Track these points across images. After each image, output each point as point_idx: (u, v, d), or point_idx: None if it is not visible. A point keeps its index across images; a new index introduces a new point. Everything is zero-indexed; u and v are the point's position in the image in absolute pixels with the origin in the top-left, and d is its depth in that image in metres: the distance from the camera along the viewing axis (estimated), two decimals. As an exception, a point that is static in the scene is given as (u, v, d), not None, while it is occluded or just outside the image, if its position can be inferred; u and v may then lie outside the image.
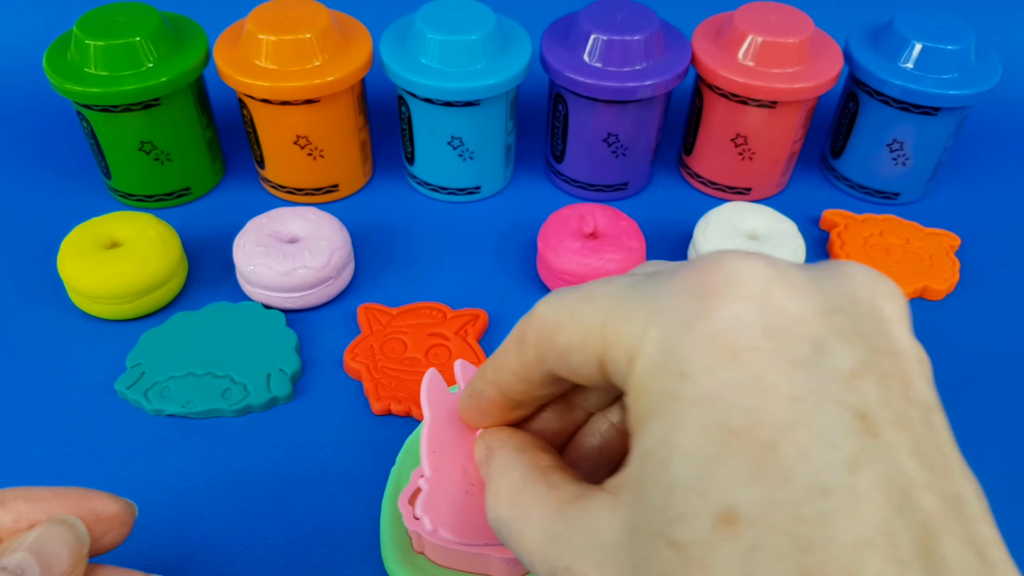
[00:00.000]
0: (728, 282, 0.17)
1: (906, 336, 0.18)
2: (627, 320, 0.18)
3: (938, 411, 0.17)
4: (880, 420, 0.16)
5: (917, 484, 0.16)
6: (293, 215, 0.43)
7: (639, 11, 0.47)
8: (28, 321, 0.42)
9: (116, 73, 0.43)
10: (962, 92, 0.46)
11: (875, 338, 0.17)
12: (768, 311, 0.17)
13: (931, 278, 0.45)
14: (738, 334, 0.16)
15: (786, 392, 0.16)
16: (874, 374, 0.17)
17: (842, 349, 0.17)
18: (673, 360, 0.17)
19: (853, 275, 0.19)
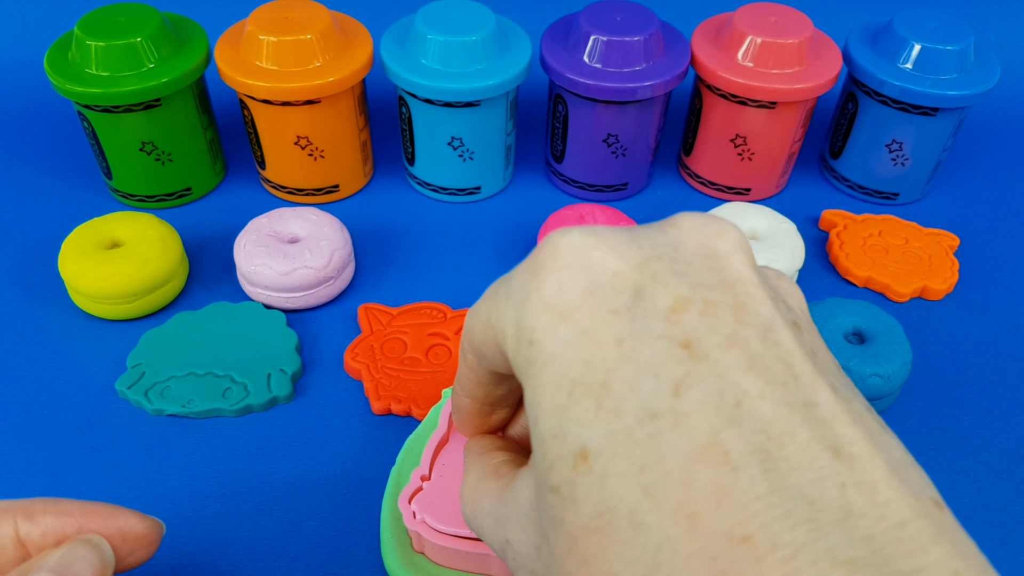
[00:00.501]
0: (551, 255, 0.19)
1: (742, 266, 0.19)
2: (499, 309, 0.21)
3: (783, 328, 0.18)
4: (706, 345, 0.18)
5: (752, 395, 0.17)
6: (294, 215, 0.44)
7: (639, 12, 0.47)
8: (29, 321, 0.42)
9: (117, 74, 0.43)
10: (961, 93, 0.46)
11: (701, 274, 0.19)
12: (586, 272, 0.19)
13: (930, 278, 0.45)
14: (564, 298, 0.19)
15: (611, 337, 0.18)
16: (697, 306, 0.18)
17: (659, 291, 0.18)
18: (524, 332, 0.19)
19: (680, 224, 0.20)
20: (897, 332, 0.39)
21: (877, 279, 0.45)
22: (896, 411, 0.39)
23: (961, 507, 0.36)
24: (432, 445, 0.32)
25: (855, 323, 0.40)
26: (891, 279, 0.45)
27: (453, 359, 0.40)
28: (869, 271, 0.45)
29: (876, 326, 0.39)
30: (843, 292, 0.46)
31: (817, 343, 0.20)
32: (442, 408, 0.34)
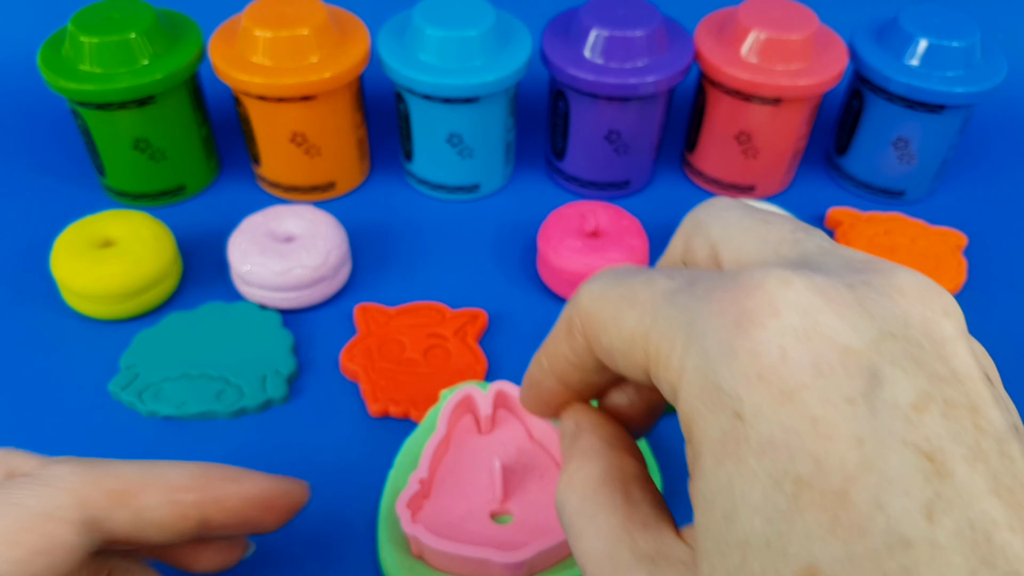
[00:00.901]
0: (768, 310, 0.16)
1: (967, 357, 0.16)
2: (667, 339, 0.17)
3: (1014, 439, 0.16)
4: (952, 457, 0.15)
5: (1002, 527, 0.14)
6: (289, 213, 0.43)
7: (641, 6, 0.46)
8: (20, 321, 0.42)
9: (111, 70, 0.43)
10: (968, 89, 0.45)
11: (934, 363, 0.16)
12: (815, 342, 0.16)
13: (937, 277, 0.44)
14: (787, 371, 0.15)
15: (848, 434, 0.15)
16: (938, 405, 0.15)
17: (900, 380, 0.15)
18: (723, 397, 0.16)
19: (904, 289, 0.17)
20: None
21: (883, 278, 0.44)
22: (903, 413, 0.39)
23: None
24: (431, 448, 0.32)
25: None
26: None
27: (452, 360, 0.39)
28: (875, 270, 0.45)
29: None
30: (849, 292, 0.45)
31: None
32: (440, 410, 0.34)
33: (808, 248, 0.18)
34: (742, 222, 0.20)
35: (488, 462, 0.33)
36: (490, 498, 0.32)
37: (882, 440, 0.15)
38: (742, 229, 0.20)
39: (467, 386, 0.34)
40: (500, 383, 0.34)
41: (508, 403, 0.34)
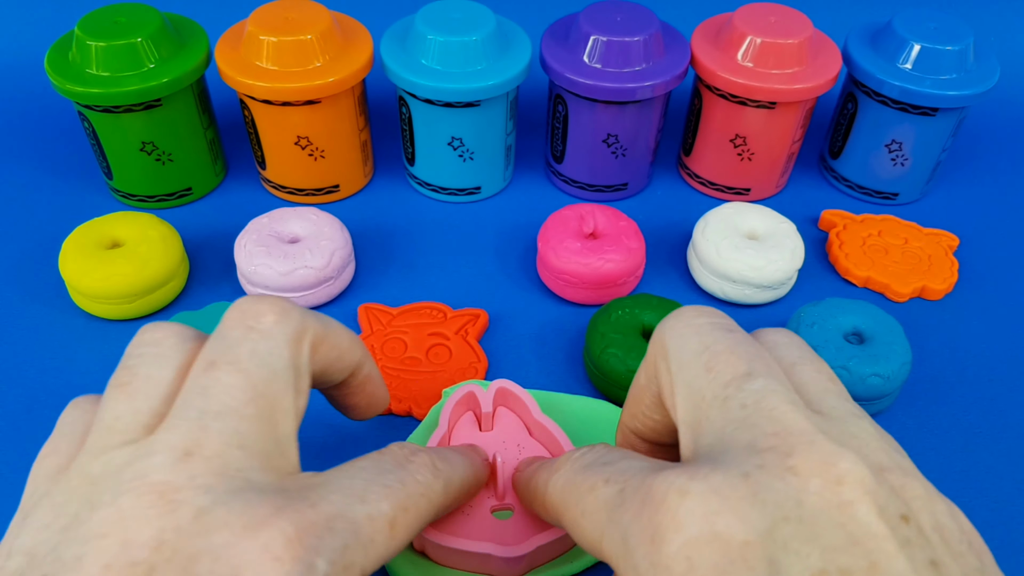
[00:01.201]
0: (672, 524, 0.18)
1: (868, 515, 0.18)
2: (613, 554, 0.20)
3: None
4: None
5: None
6: (294, 215, 0.44)
7: (638, 12, 0.47)
8: (29, 321, 0.42)
9: (117, 74, 0.43)
10: (961, 93, 0.46)
11: (830, 534, 0.17)
12: (715, 545, 0.17)
13: (930, 278, 0.45)
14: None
15: None
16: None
17: (794, 563, 0.17)
18: None
19: (797, 468, 0.18)
20: (896, 332, 0.39)
21: (876, 279, 0.45)
22: (895, 411, 0.40)
23: (961, 507, 0.36)
24: (433, 444, 0.33)
25: (854, 323, 0.40)
26: (890, 279, 0.45)
27: (453, 359, 0.40)
28: (868, 271, 0.45)
29: (875, 326, 0.39)
30: (842, 292, 0.46)
31: (963, 560, 0.18)
32: (442, 407, 0.34)
33: (728, 413, 0.20)
34: (693, 364, 0.22)
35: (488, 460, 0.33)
36: (490, 494, 0.32)
37: None
38: (688, 377, 0.22)
39: (468, 384, 0.35)
40: (500, 381, 0.34)
41: (508, 401, 0.35)
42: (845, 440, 0.20)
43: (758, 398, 0.20)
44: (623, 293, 0.43)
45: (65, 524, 0.19)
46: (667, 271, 0.46)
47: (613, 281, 0.42)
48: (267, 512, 0.19)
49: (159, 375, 0.22)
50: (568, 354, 0.42)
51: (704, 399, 0.21)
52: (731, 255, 0.42)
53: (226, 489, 0.19)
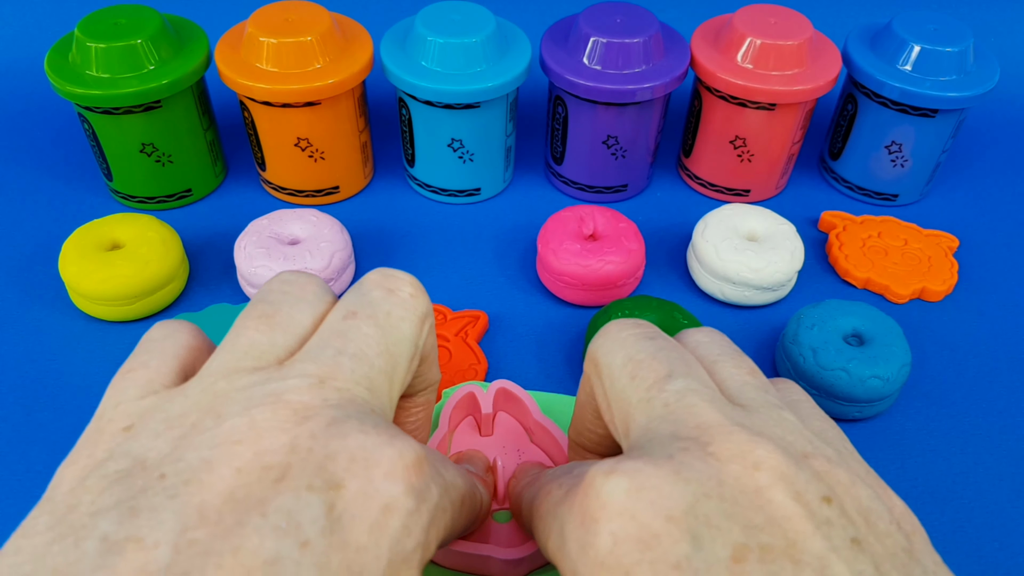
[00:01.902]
0: (598, 505, 0.19)
1: (785, 498, 0.18)
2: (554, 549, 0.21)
3: (838, 561, 0.17)
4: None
5: None
6: (294, 217, 0.44)
7: (638, 14, 0.47)
8: (29, 323, 0.42)
9: (117, 75, 0.43)
10: (960, 94, 0.46)
11: (749, 513, 0.18)
12: (639, 520, 0.18)
13: (929, 279, 0.45)
14: (620, 553, 0.18)
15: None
16: (754, 552, 0.17)
17: (716, 538, 0.18)
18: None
19: (718, 453, 0.19)
20: (896, 334, 0.39)
21: (876, 280, 0.45)
22: (895, 413, 0.40)
23: (960, 508, 0.36)
24: (432, 445, 0.33)
25: (854, 325, 0.40)
26: (890, 280, 0.45)
27: (453, 360, 0.40)
28: (868, 272, 0.45)
29: (875, 328, 0.39)
30: (842, 294, 0.46)
31: (890, 540, 0.19)
32: (442, 408, 0.34)
33: (652, 412, 0.22)
34: (620, 375, 0.24)
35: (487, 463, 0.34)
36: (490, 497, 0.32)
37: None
38: (617, 388, 0.23)
39: (468, 385, 0.35)
40: (500, 382, 0.34)
41: (508, 401, 0.35)
42: (764, 430, 0.21)
43: (679, 396, 0.21)
44: (623, 295, 0.43)
45: (183, 433, 0.19)
46: (667, 273, 0.46)
47: (613, 283, 0.42)
48: (395, 432, 0.20)
49: (299, 318, 0.23)
50: (568, 355, 0.42)
51: (631, 404, 0.22)
52: (731, 256, 0.43)
53: (358, 410, 0.20)
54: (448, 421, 0.34)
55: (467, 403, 0.35)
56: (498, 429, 0.35)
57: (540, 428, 0.34)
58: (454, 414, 0.34)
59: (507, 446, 0.34)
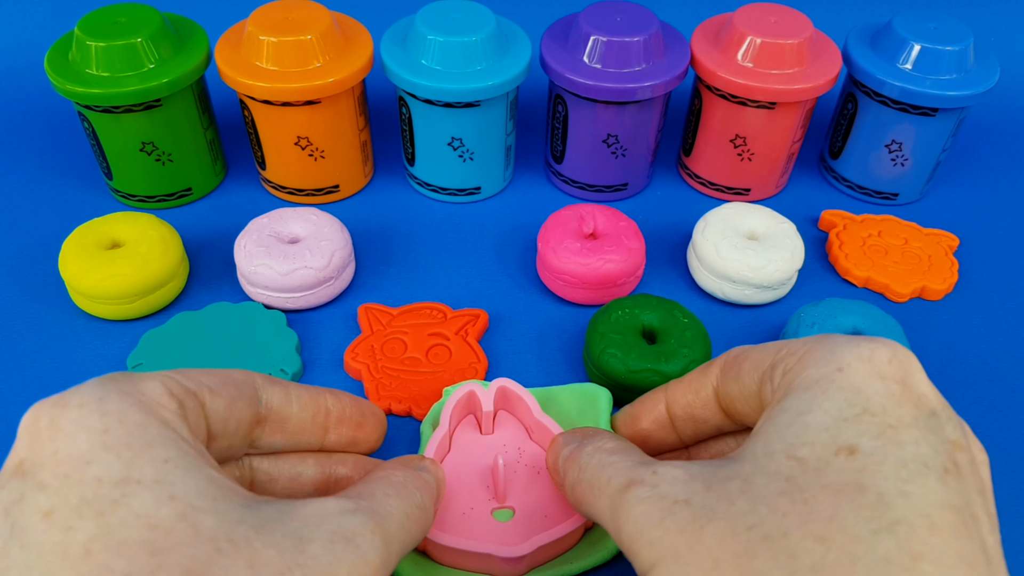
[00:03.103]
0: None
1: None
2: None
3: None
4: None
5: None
6: (294, 215, 0.44)
7: (638, 12, 0.47)
8: (29, 321, 0.42)
9: (117, 74, 0.43)
10: (960, 93, 0.46)
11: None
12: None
13: (930, 278, 0.45)
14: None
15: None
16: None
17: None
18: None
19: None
20: (896, 333, 0.39)
21: (876, 279, 0.45)
22: (895, 411, 0.39)
23: (960, 507, 0.36)
24: (434, 443, 0.33)
25: (854, 323, 0.40)
26: (890, 279, 0.45)
27: (453, 359, 0.40)
28: (868, 271, 0.45)
29: (875, 326, 0.39)
30: (842, 292, 0.46)
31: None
32: (444, 407, 0.34)
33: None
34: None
35: (488, 462, 0.34)
36: (491, 496, 0.32)
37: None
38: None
39: (469, 384, 0.35)
40: (501, 381, 0.34)
41: (509, 402, 0.35)
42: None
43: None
44: (623, 293, 0.43)
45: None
46: (667, 271, 0.46)
47: (613, 281, 0.42)
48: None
49: None
50: (568, 354, 0.42)
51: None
52: (731, 255, 0.42)
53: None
54: (449, 420, 0.34)
55: (468, 402, 0.35)
56: (499, 427, 0.35)
57: (540, 427, 0.34)
58: (455, 413, 0.34)
59: (508, 444, 0.34)
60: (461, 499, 0.32)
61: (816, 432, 0.22)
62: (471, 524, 0.31)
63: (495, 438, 0.35)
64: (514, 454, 0.34)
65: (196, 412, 0.24)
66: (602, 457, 0.26)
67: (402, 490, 0.26)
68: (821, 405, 0.22)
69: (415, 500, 0.26)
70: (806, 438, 0.22)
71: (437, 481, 0.28)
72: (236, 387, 0.26)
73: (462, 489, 0.33)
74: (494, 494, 0.32)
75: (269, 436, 0.28)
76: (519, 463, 0.34)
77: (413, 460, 0.29)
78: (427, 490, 0.27)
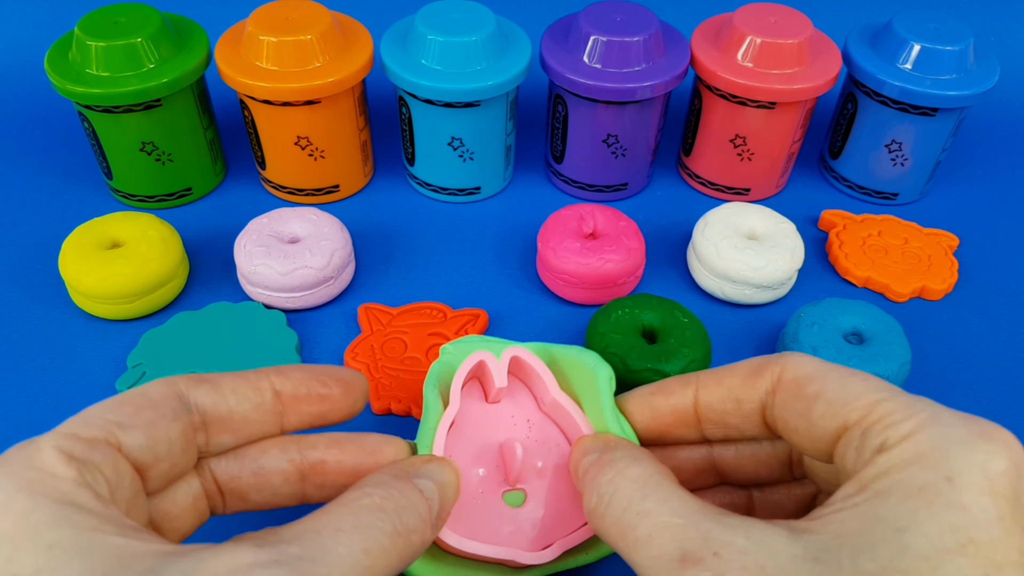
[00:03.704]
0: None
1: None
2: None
3: None
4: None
5: None
6: (294, 215, 0.44)
7: (638, 12, 0.47)
8: (29, 321, 0.42)
9: (117, 74, 0.43)
10: (960, 93, 0.46)
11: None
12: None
13: (930, 278, 0.45)
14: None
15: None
16: None
17: None
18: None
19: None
20: (896, 332, 0.39)
21: (876, 279, 0.45)
22: (895, 411, 0.39)
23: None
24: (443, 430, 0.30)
25: (854, 323, 0.40)
26: (890, 279, 0.45)
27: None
28: (868, 271, 0.45)
29: (875, 326, 0.39)
30: (842, 292, 0.46)
31: None
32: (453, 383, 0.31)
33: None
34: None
35: (495, 435, 0.31)
36: (501, 477, 0.30)
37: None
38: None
39: (478, 353, 0.31)
40: (514, 349, 0.31)
41: (520, 370, 0.32)
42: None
43: None
44: (623, 293, 0.43)
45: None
46: (667, 271, 0.46)
47: (613, 281, 0.42)
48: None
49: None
50: (568, 354, 0.42)
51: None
52: (731, 255, 0.42)
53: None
54: (459, 398, 0.31)
55: (476, 372, 0.32)
56: (507, 395, 0.33)
57: (555, 405, 0.31)
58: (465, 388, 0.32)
59: (516, 416, 0.32)
60: (467, 480, 0.30)
61: (914, 560, 0.20)
62: (481, 515, 0.29)
63: (502, 408, 0.32)
64: (523, 428, 0.32)
65: (108, 462, 0.22)
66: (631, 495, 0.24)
67: (367, 518, 0.22)
68: (922, 526, 0.20)
69: (390, 526, 0.23)
70: (902, 564, 0.20)
71: (443, 487, 0.26)
72: (153, 408, 0.24)
73: (467, 468, 0.30)
74: (505, 476, 0.30)
75: (216, 437, 0.26)
76: (529, 438, 0.32)
77: (411, 464, 0.26)
78: (418, 507, 0.24)
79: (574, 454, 0.29)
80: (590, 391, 0.31)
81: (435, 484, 0.25)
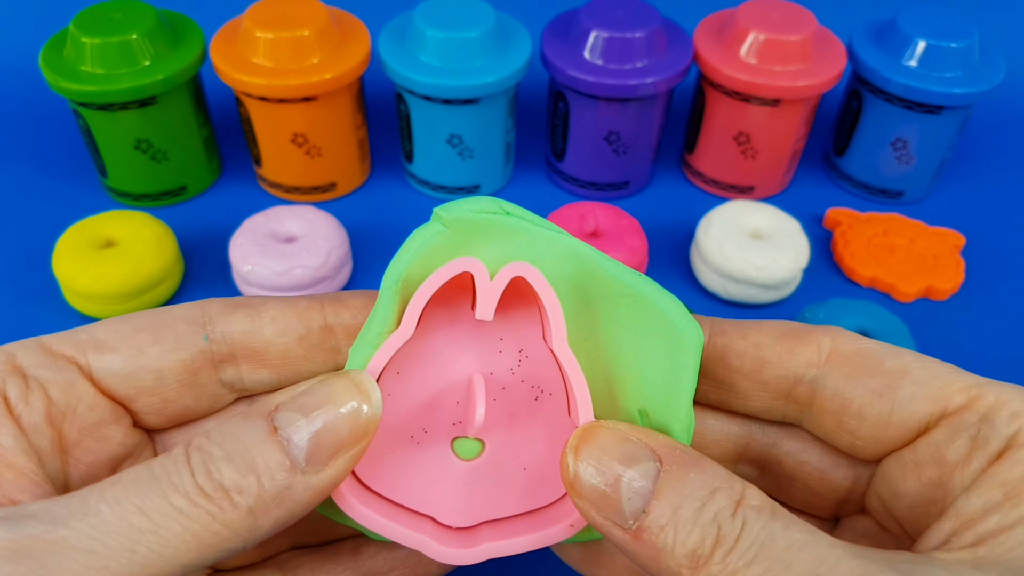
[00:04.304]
0: None
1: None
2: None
3: None
4: None
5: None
6: (290, 214, 0.43)
7: (640, 8, 0.46)
8: (23, 321, 0.42)
9: (112, 71, 0.43)
10: (966, 90, 0.45)
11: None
12: None
13: (935, 278, 0.45)
14: None
15: None
16: None
17: None
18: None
19: None
20: (902, 333, 0.38)
21: (882, 279, 0.45)
22: (902, 413, 0.39)
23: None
24: (393, 345, 0.21)
25: (860, 323, 0.39)
26: (896, 278, 0.44)
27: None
28: (874, 270, 0.45)
29: (881, 326, 0.39)
30: (848, 292, 0.45)
31: None
32: (409, 271, 0.21)
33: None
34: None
35: (471, 360, 0.22)
36: (458, 417, 0.22)
37: None
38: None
39: (462, 259, 0.21)
40: (518, 266, 0.21)
41: (525, 296, 0.22)
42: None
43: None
44: (625, 293, 0.43)
45: None
46: (669, 271, 0.46)
47: (614, 281, 0.42)
48: None
49: None
50: (569, 355, 0.41)
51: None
52: (734, 254, 0.42)
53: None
54: (414, 324, 0.20)
55: (457, 282, 0.21)
56: (500, 313, 0.21)
57: (560, 340, 0.21)
58: (430, 300, 0.21)
59: (506, 340, 0.22)
60: (407, 412, 0.22)
61: None
62: (409, 461, 0.22)
63: (491, 327, 0.22)
64: (510, 358, 0.22)
65: (59, 383, 0.20)
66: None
67: (159, 471, 0.17)
68: None
69: (189, 482, 0.17)
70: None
71: (335, 420, 0.18)
72: (154, 331, 0.21)
73: (415, 396, 0.22)
74: (464, 418, 0.22)
75: (252, 373, 0.22)
76: (513, 376, 0.22)
77: (289, 394, 0.19)
78: (265, 456, 0.18)
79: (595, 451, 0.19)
80: (658, 351, 0.21)
81: (306, 418, 0.18)
